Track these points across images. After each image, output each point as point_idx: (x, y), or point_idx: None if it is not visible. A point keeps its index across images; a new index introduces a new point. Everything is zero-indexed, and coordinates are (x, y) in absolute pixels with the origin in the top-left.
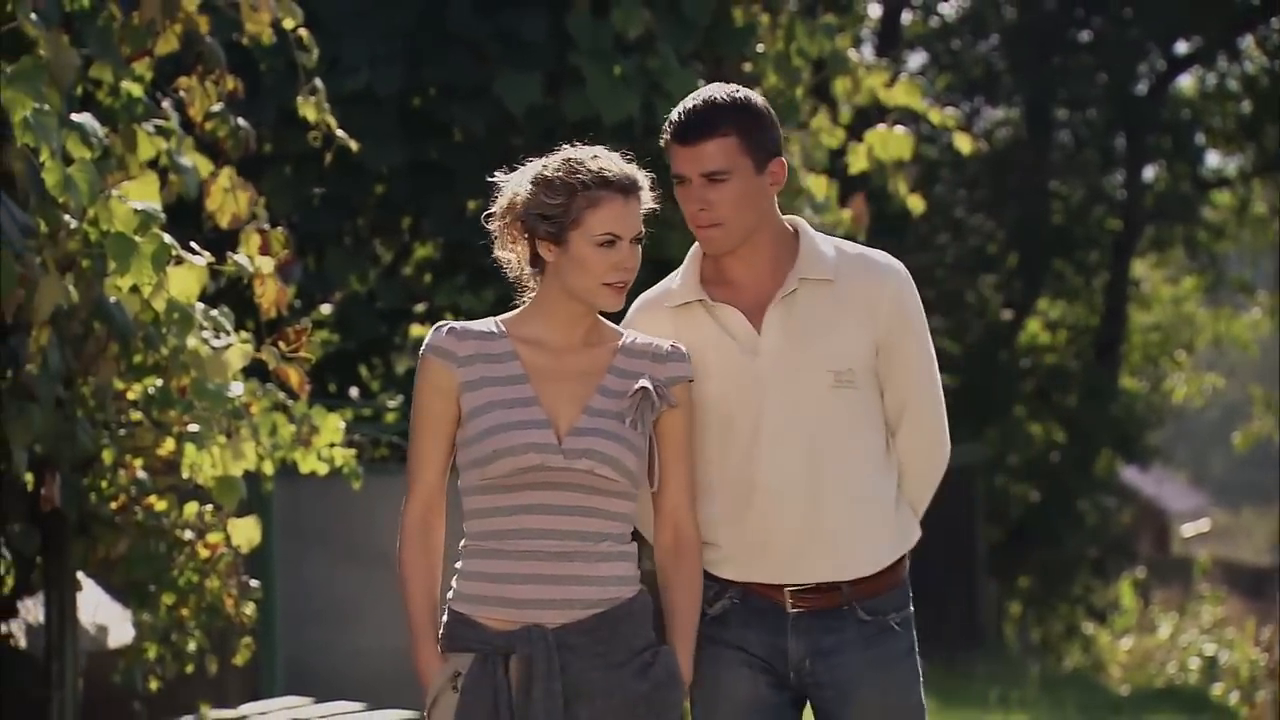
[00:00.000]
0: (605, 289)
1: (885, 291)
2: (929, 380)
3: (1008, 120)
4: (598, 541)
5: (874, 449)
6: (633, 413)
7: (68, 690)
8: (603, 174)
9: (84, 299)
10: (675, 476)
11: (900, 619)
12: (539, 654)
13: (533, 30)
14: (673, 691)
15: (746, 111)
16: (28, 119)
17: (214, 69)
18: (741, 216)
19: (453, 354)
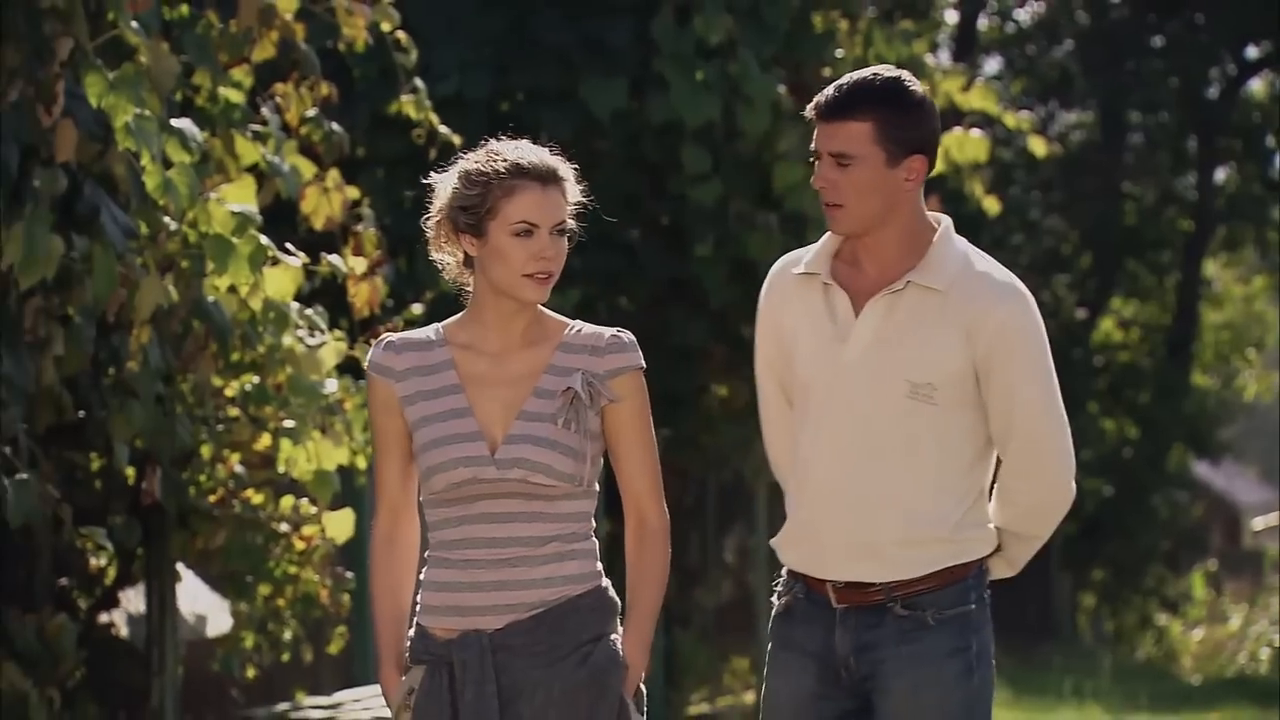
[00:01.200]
0: (526, 280)
1: (993, 314)
2: (1038, 415)
3: (1081, 123)
4: (541, 545)
5: (943, 468)
6: (564, 413)
7: (167, 677)
8: (518, 163)
9: (183, 298)
10: (633, 465)
11: (940, 616)
12: (472, 657)
13: (618, 37)
14: (612, 674)
15: (894, 100)
16: (129, 124)
17: (309, 75)
18: (864, 204)
19: (390, 369)
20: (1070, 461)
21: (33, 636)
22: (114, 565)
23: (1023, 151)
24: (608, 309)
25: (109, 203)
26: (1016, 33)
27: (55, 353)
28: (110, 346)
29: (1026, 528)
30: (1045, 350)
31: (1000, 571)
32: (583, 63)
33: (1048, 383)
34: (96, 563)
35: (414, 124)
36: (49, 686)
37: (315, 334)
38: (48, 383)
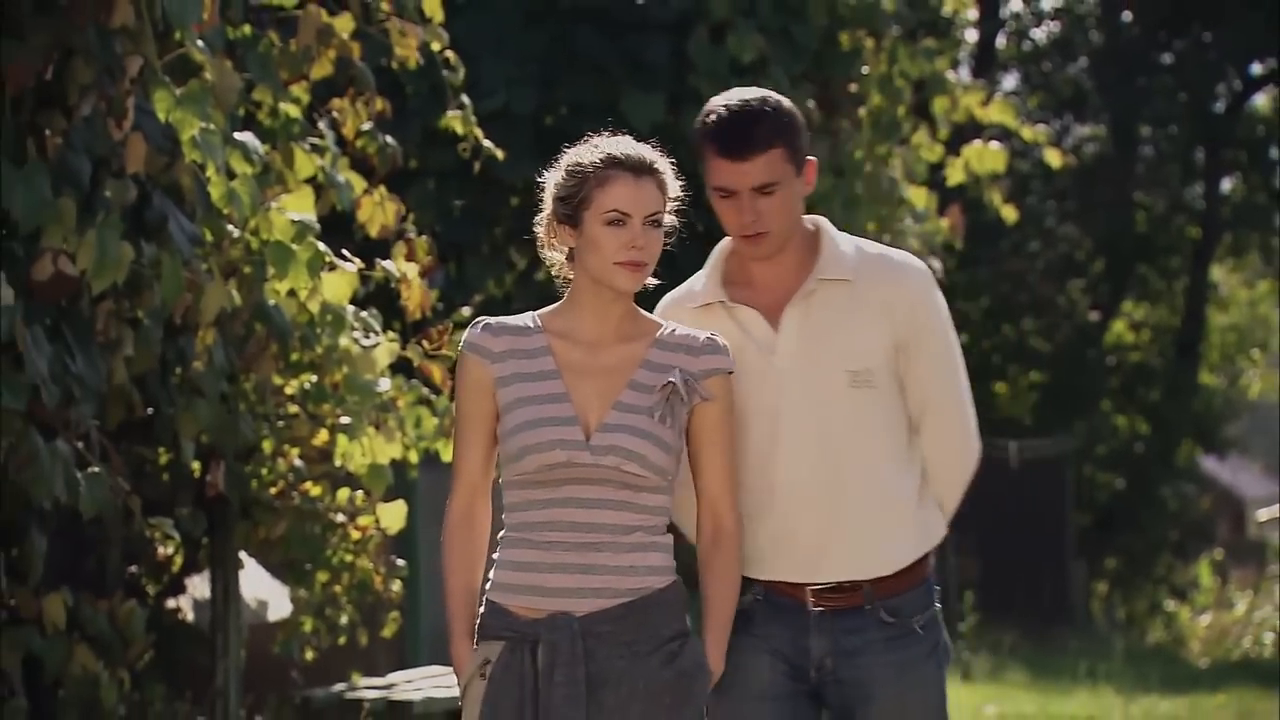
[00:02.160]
0: (619, 269)
1: (903, 291)
2: (951, 379)
3: (1095, 136)
4: (627, 533)
5: (894, 448)
6: (660, 407)
7: (231, 660)
8: (612, 154)
9: (246, 302)
10: (713, 468)
11: (924, 621)
12: (563, 640)
13: (656, 54)
14: (698, 680)
15: (785, 118)
16: (195, 138)
17: (364, 91)
18: (787, 221)
19: (487, 350)
20: (974, 422)
21: (104, 621)
22: (181, 554)
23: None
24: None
25: (176, 212)
26: (1033, 50)
27: (125, 353)
28: (177, 347)
29: (945, 496)
30: (949, 319)
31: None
32: (622, 79)
33: (955, 349)
34: (164, 551)
35: (460, 139)
36: (119, 668)
37: (369, 335)
38: (118, 381)
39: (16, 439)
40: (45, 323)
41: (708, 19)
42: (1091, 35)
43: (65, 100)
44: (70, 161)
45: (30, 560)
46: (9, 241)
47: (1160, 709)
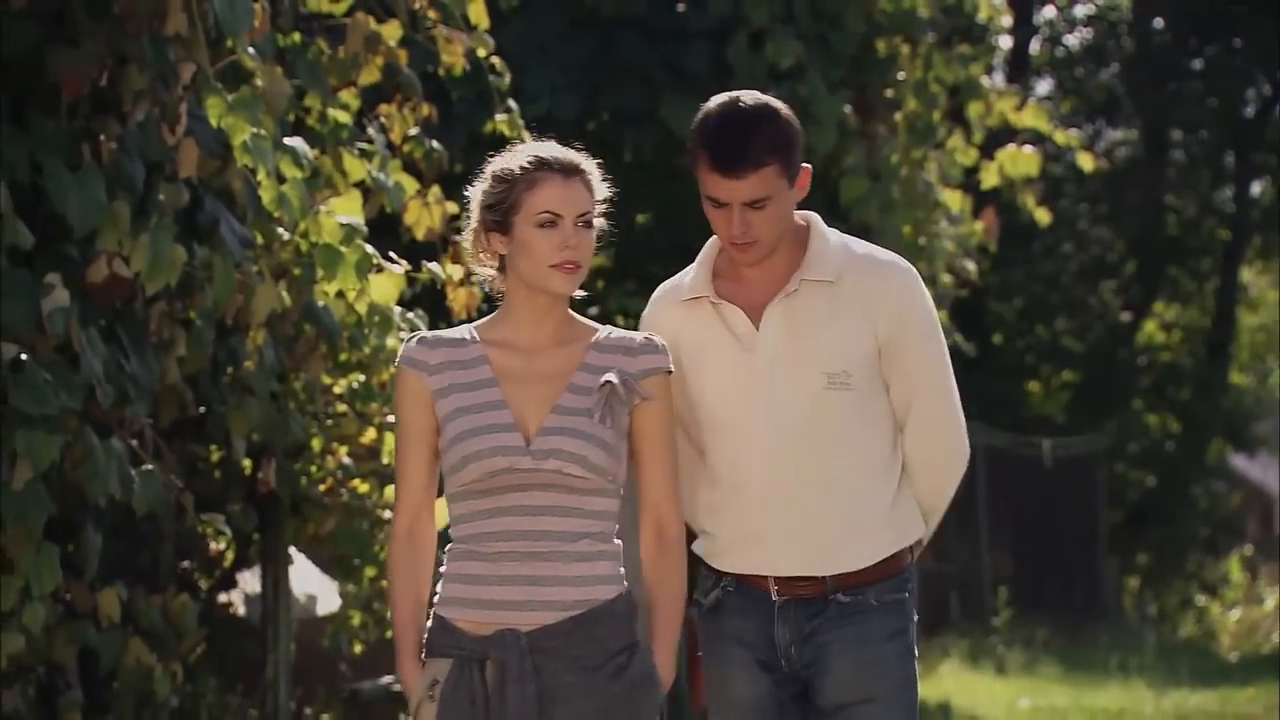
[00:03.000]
0: (553, 272)
1: (886, 291)
2: (936, 381)
3: (1126, 140)
4: (574, 541)
5: (871, 450)
6: (600, 408)
7: (281, 652)
8: (539, 156)
9: (295, 303)
10: (654, 470)
11: (882, 599)
12: (512, 658)
13: (696, 61)
14: (649, 693)
15: (782, 133)
16: (246, 143)
17: (411, 97)
18: (777, 230)
19: (423, 363)
20: (963, 423)
21: (157, 615)
22: (232, 549)
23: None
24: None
25: (227, 215)
26: (1066, 56)
27: (178, 353)
28: (229, 347)
29: (932, 498)
30: (935, 319)
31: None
32: (663, 85)
33: (942, 351)
34: (216, 547)
35: (508, 141)
36: (172, 661)
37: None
38: (171, 381)
39: (73, 437)
40: (100, 324)
41: (747, 26)
42: (1124, 42)
43: (120, 106)
44: (124, 166)
45: (86, 556)
46: (65, 244)
47: (1191, 702)
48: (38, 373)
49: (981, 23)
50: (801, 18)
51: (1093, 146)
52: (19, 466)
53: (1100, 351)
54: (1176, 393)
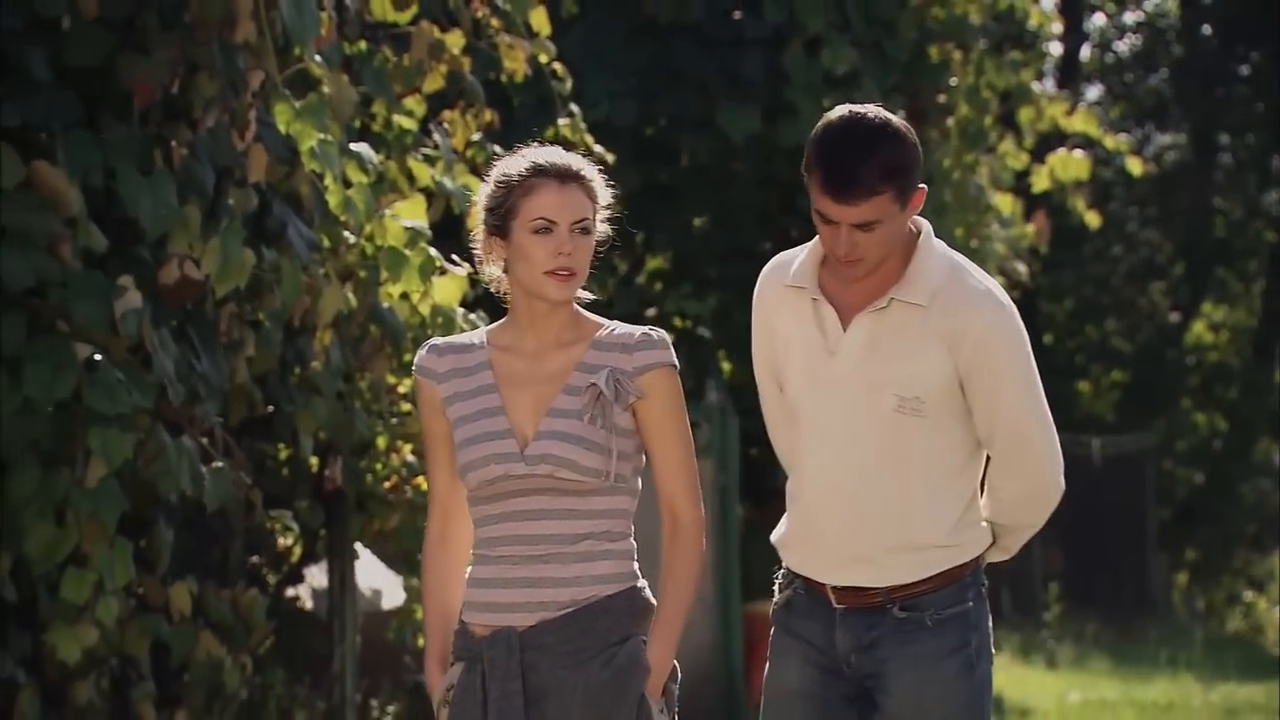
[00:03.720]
0: (548, 278)
1: (973, 325)
2: (1022, 417)
3: (1175, 145)
4: (575, 542)
5: (934, 477)
6: (589, 409)
7: (347, 645)
8: (536, 162)
9: (361, 305)
10: (664, 462)
11: (938, 617)
12: (499, 655)
13: (752, 68)
14: (633, 676)
15: (900, 161)
16: (313, 148)
17: (474, 103)
18: (885, 250)
19: (432, 371)
20: (1055, 459)
21: (227, 609)
22: (299, 545)
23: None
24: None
25: (295, 219)
26: (1116, 62)
27: (247, 354)
28: (296, 348)
29: (1015, 520)
30: (1026, 353)
31: (994, 557)
32: (720, 91)
33: (1028, 385)
34: (284, 543)
35: (570, 146)
36: (242, 653)
37: None
38: (240, 381)
39: (145, 436)
40: (172, 325)
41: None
42: (1172, 48)
43: (190, 113)
44: (195, 171)
45: (158, 551)
46: (137, 247)
47: (1238, 695)
48: (111, 372)
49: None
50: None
51: (1142, 151)
52: (93, 464)
53: (1149, 351)
54: (1224, 392)
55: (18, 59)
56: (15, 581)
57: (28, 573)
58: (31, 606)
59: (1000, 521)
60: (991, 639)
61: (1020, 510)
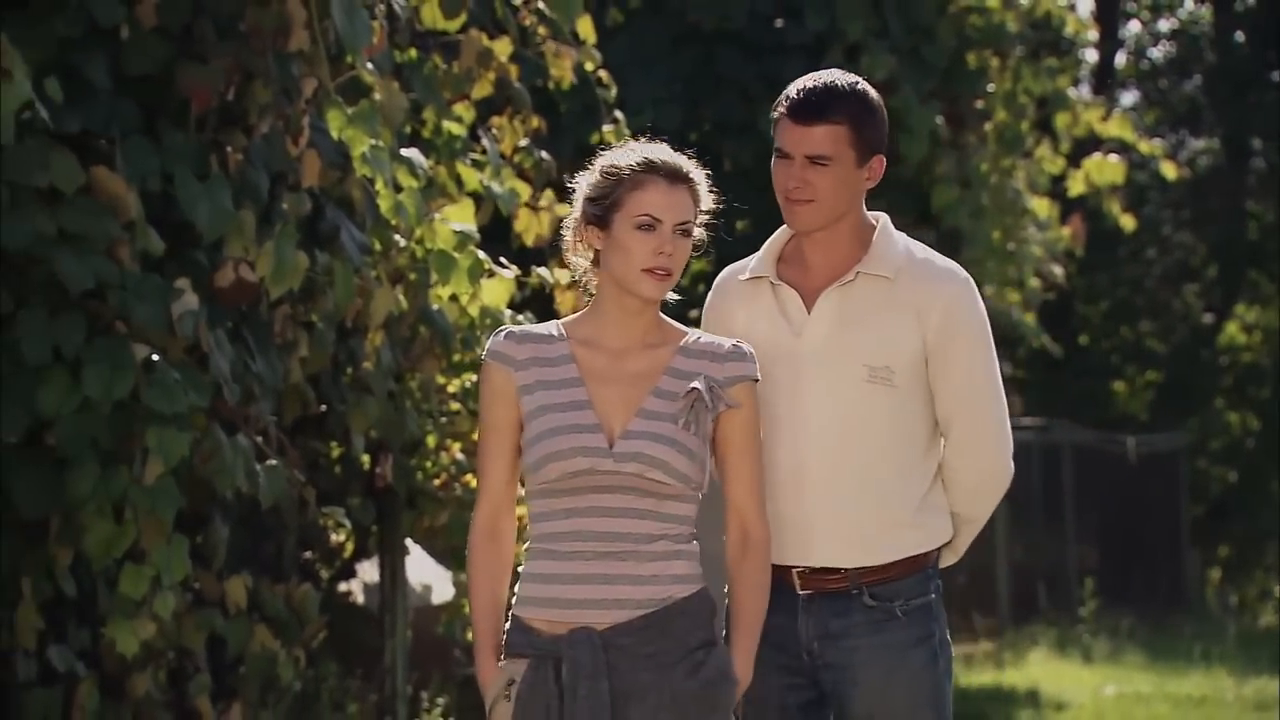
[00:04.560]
0: (645, 276)
1: (939, 296)
2: (981, 392)
3: (1208, 149)
4: (650, 542)
5: (903, 450)
6: (685, 415)
7: (398, 639)
8: (648, 158)
9: (411, 306)
10: (740, 475)
11: (907, 607)
12: (584, 655)
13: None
14: (723, 688)
15: (862, 104)
16: (365, 154)
17: (522, 109)
18: (834, 200)
19: (510, 358)
20: (1008, 441)
21: (281, 603)
22: (352, 541)
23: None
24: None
25: (347, 223)
26: (1150, 69)
27: (300, 354)
28: (348, 349)
29: (969, 509)
30: (987, 332)
31: (946, 559)
32: (762, 97)
33: (990, 362)
34: (336, 539)
35: None
36: (295, 647)
37: None
38: (294, 380)
39: (201, 434)
40: (227, 326)
41: (842, 40)
42: (1205, 55)
43: (246, 119)
44: (250, 176)
45: (214, 547)
46: (194, 250)
47: (1271, 689)
48: (168, 372)
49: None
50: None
51: (1175, 155)
52: (151, 462)
53: (1183, 352)
54: (1257, 391)
55: (78, 67)
56: (75, 576)
57: (87, 568)
58: (91, 601)
59: (956, 510)
60: (949, 637)
61: (976, 495)
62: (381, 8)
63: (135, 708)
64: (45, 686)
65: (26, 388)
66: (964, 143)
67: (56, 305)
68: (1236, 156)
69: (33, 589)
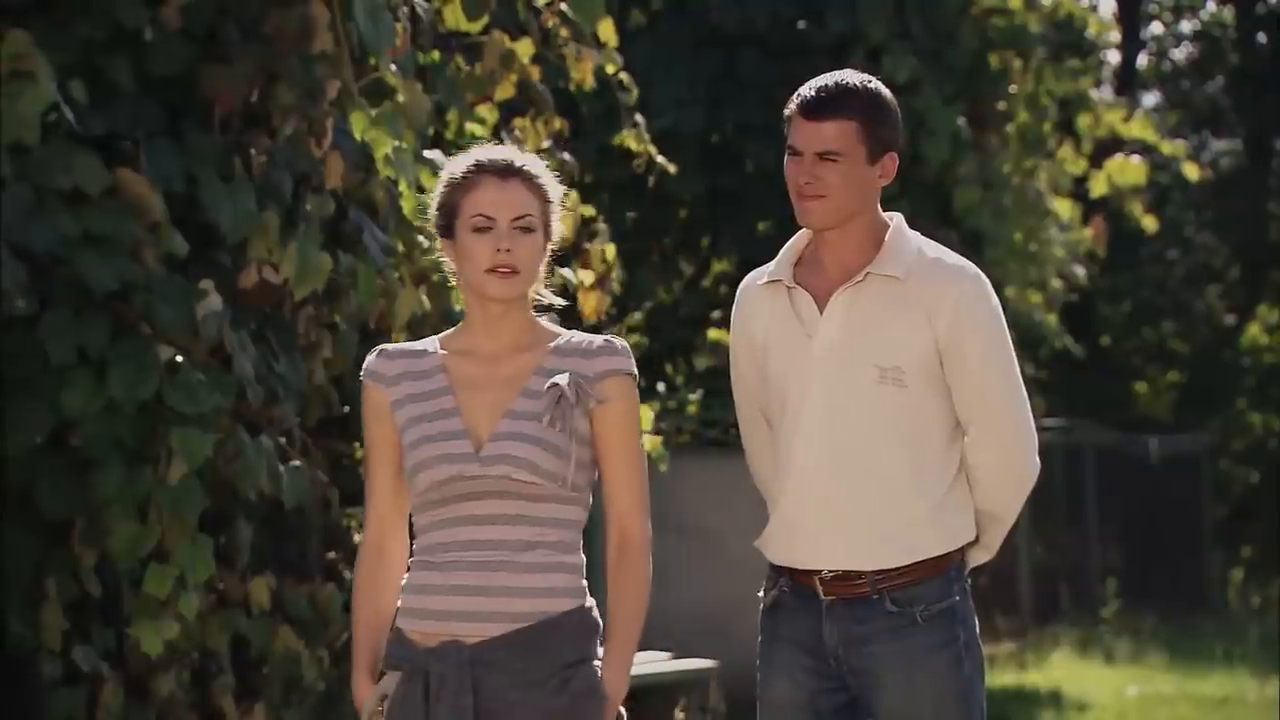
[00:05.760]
0: (489, 276)
1: (949, 295)
2: (997, 389)
3: (1230, 151)
4: (526, 550)
5: (919, 450)
6: (550, 411)
7: None
8: (477, 160)
9: (435, 308)
10: (616, 474)
11: (929, 612)
12: (450, 670)
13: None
14: (590, 704)
15: (874, 101)
16: (388, 155)
17: (544, 112)
18: (845, 198)
19: (382, 375)
20: (1031, 436)
21: (305, 603)
22: None
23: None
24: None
25: (370, 224)
26: (1172, 70)
27: (324, 355)
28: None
29: (994, 506)
30: (1002, 328)
31: (978, 558)
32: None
33: (1005, 358)
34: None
35: (634, 155)
36: (318, 647)
37: None
38: (317, 382)
39: (225, 435)
40: (251, 327)
41: (865, 42)
42: (1228, 56)
43: (269, 121)
44: (274, 178)
45: (237, 547)
46: (217, 252)
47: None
48: (192, 374)
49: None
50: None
51: (1198, 156)
52: (174, 463)
53: (1205, 353)
54: (1279, 392)
55: (103, 69)
56: (100, 577)
57: (112, 568)
58: (115, 601)
59: (982, 508)
60: (978, 636)
61: (1000, 491)
62: (404, 10)
63: (159, 708)
64: (70, 686)
65: (51, 388)
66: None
67: (81, 306)
68: (1258, 157)
69: (57, 589)
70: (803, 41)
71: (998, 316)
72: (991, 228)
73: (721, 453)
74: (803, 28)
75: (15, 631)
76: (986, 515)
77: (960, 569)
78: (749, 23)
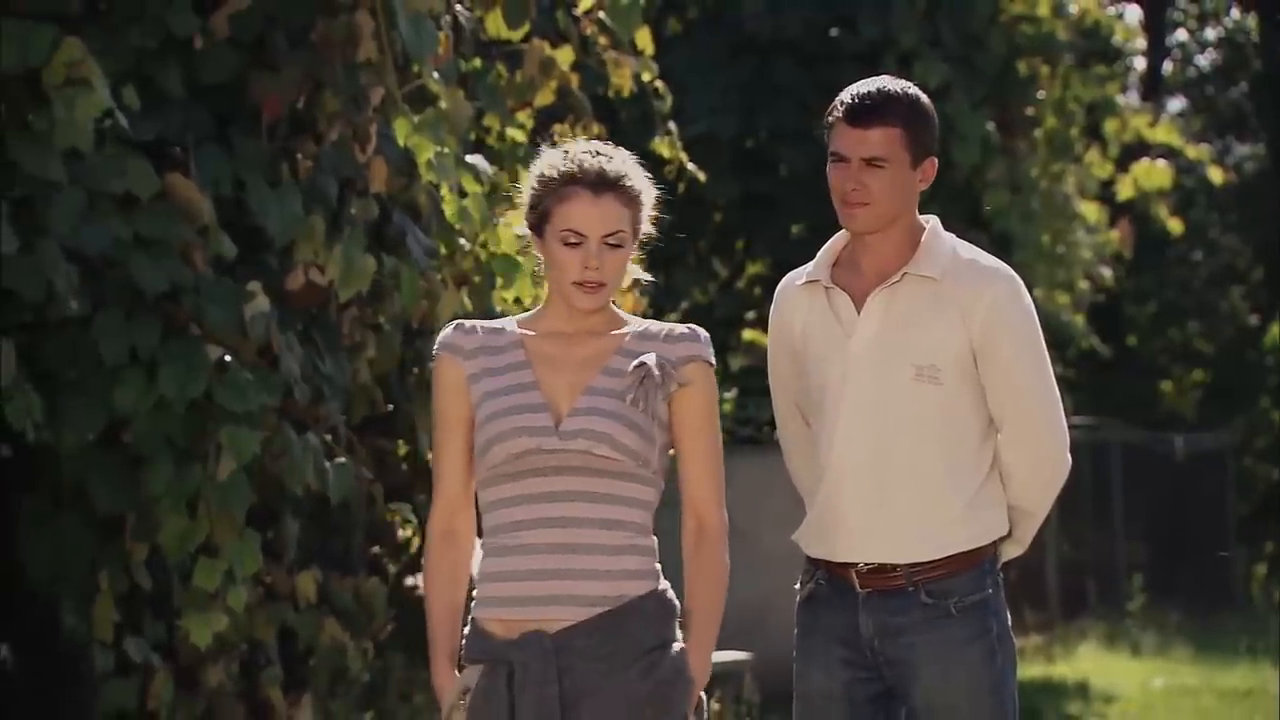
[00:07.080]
0: (575, 289)
1: (984, 295)
2: (1029, 388)
3: (1254, 155)
4: (605, 529)
5: (954, 446)
6: (633, 390)
7: None
8: (572, 168)
9: (476, 308)
10: (694, 460)
11: (963, 603)
12: (535, 660)
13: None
14: (677, 688)
15: (915, 108)
16: (431, 160)
17: (582, 117)
18: (889, 202)
19: (459, 347)
20: (1063, 434)
21: (350, 597)
22: (418, 536)
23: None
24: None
25: (413, 227)
26: (1197, 76)
27: (368, 355)
28: (415, 349)
29: (1026, 502)
30: (1035, 328)
31: (1010, 552)
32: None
33: (1038, 358)
34: (403, 534)
35: (667, 162)
36: (363, 639)
37: None
38: (362, 381)
39: (272, 433)
40: (297, 328)
41: (896, 48)
42: (1251, 62)
43: (315, 127)
44: (320, 182)
45: (284, 542)
46: (265, 255)
47: None
48: (240, 373)
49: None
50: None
51: (1222, 160)
52: (223, 459)
53: (1229, 353)
54: None
55: (154, 77)
56: (150, 571)
57: (162, 562)
58: (166, 595)
59: (1014, 504)
60: (1010, 629)
61: (1032, 488)
62: (447, 19)
63: (208, 698)
64: (121, 677)
65: (104, 387)
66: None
67: (133, 307)
68: None
69: (110, 583)
70: (835, 48)
71: (1031, 317)
72: (1020, 230)
73: (756, 450)
74: (835, 35)
75: (69, 624)
76: (1018, 511)
77: (993, 563)
78: (782, 30)
